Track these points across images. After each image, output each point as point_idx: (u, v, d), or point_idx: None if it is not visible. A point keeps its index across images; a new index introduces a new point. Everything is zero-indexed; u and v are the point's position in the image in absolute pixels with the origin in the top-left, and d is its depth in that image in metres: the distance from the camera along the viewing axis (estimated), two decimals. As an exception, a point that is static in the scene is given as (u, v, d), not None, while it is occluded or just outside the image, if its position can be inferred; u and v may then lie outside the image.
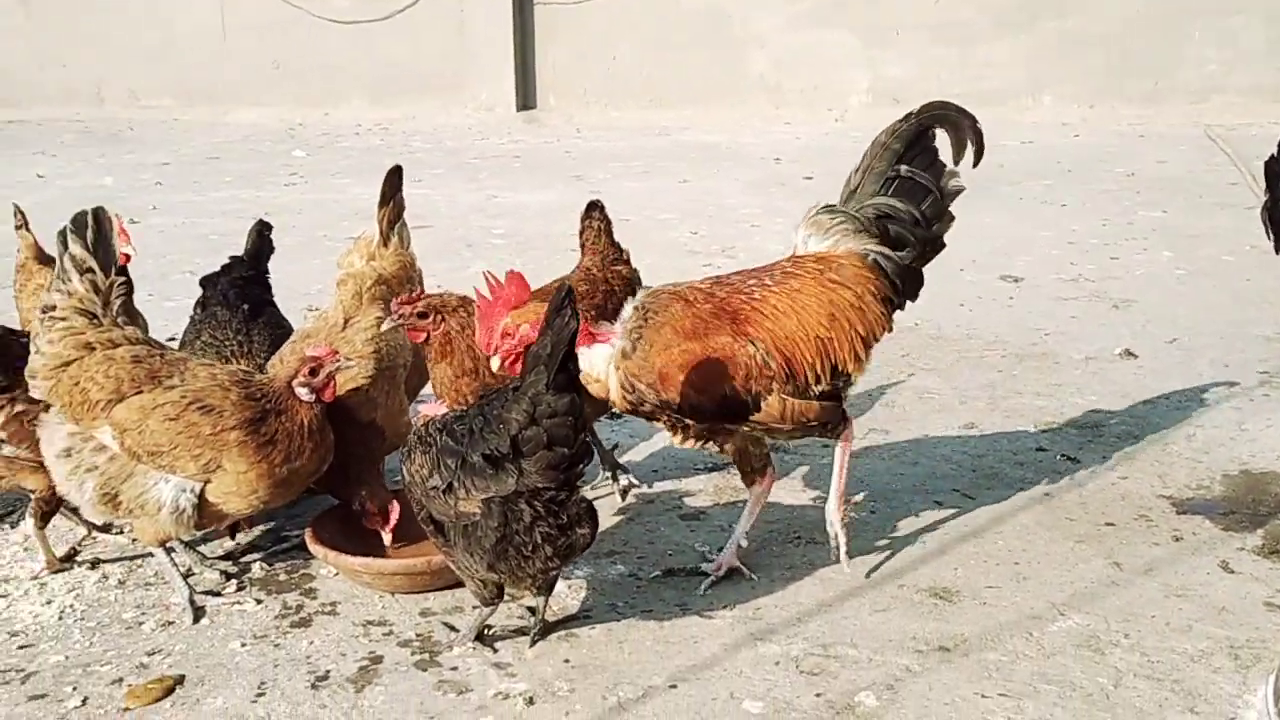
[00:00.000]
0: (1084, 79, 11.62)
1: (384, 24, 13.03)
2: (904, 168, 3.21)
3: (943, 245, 3.28)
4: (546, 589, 2.90)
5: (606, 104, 12.92)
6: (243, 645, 3.00)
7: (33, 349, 3.16)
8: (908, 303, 3.26)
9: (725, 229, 7.43)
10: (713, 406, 2.94)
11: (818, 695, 2.73)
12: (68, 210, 3.28)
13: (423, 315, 3.16)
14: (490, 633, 2.98)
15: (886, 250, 3.16)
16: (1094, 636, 2.92)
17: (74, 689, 2.83)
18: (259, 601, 3.21)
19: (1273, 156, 4.71)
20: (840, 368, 3.05)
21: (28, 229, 4.20)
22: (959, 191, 3.24)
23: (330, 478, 3.29)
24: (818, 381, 3.02)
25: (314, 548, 3.21)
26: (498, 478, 2.65)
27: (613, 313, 3.64)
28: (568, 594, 3.18)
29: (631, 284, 3.84)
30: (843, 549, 3.20)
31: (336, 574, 3.30)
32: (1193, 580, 3.18)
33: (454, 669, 2.86)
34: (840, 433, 3.16)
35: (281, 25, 12.81)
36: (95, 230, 3.19)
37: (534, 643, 2.94)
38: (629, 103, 12.87)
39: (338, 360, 3.11)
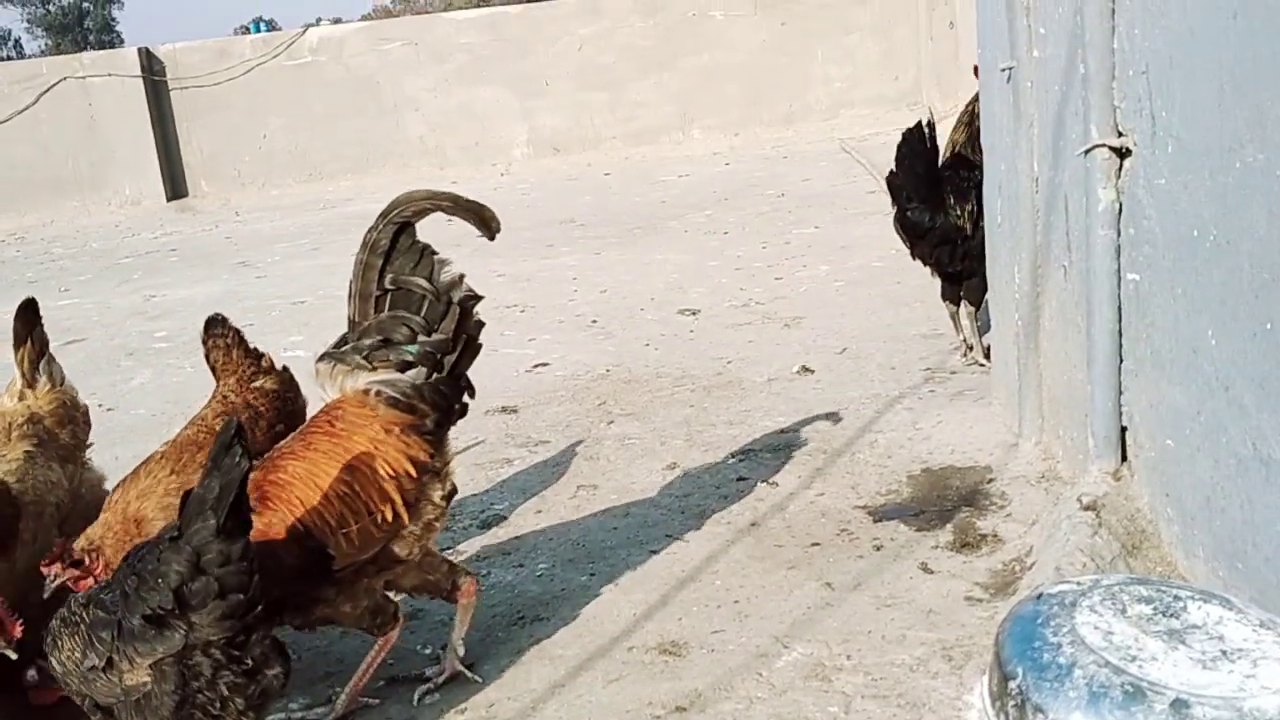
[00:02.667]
0: (726, 109, 12.23)
1: (3, 127, 12.08)
2: (389, 279, 2.93)
3: (472, 342, 3.02)
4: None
5: (263, 183, 12.49)
6: None
7: None
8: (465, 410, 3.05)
9: (404, 300, 7.28)
10: (293, 574, 2.73)
11: (563, 785, 2.65)
12: None
13: (77, 563, 2.83)
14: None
15: (389, 378, 2.92)
16: (820, 664, 2.98)
17: None
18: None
19: (892, 171, 5.10)
20: (380, 516, 2.82)
21: None
22: (454, 281, 2.97)
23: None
24: (357, 533, 2.80)
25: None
26: (163, 637, 2.39)
27: (263, 438, 3.32)
28: (285, 730, 2.95)
29: (280, 395, 3.52)
30: (439, 680, 3.09)
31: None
32: (898, 587, 3.32)
33: None
34: (459, 587, 3.06)
35: (-119, 140, 11.64)
36: None
37: None
38: (287, 179, 12.49)
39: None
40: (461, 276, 2.99)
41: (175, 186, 12.61)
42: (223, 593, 2.39)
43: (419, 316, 2.94)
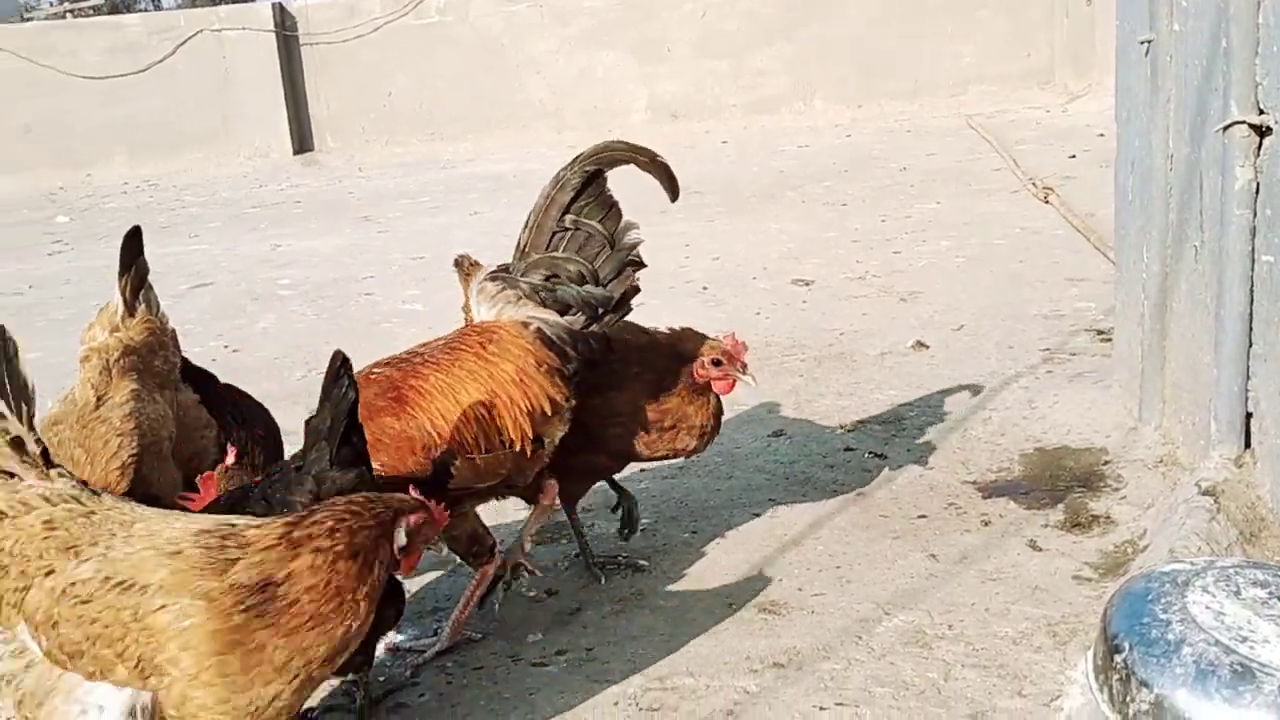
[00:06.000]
0: (850, 80, 12.06)
1: (141, 76, 12.47)
2: (569, 219, 3.03)
3: (628, 307, 3.10)
4: (365, 665, 2.75)
5: (387, 140, 12.70)
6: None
7: None
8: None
9: (520, 258, 7.38)
10: (412, 483, 2.80)
11: (659, 731, 2.70)
12: None
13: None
14: (314, 715, 2.83)
15: (550, 317, 2.98)
16: (920, 632, 2.98)
17: None
18: None
19: None
20: (506, 441, 2.90)
21: None
22: (636, 245, 3.07)
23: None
24: (486, 458, 2.89)
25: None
26: None
27: None
28: (392, 661, 3.05)
29: None
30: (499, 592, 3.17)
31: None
32: (1005, 563, 3.29)
33: None
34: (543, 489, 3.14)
35: (29, 86, 12.08)
36: None
37: None
38: (410, 138, 12.68)
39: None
40: (637, 244, 3.07)
41: (302, 140, 12.90)
42: None
43: (591, 265, 3.01)
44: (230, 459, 2.82)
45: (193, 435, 3.18)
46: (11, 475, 2.33)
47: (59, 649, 2.19)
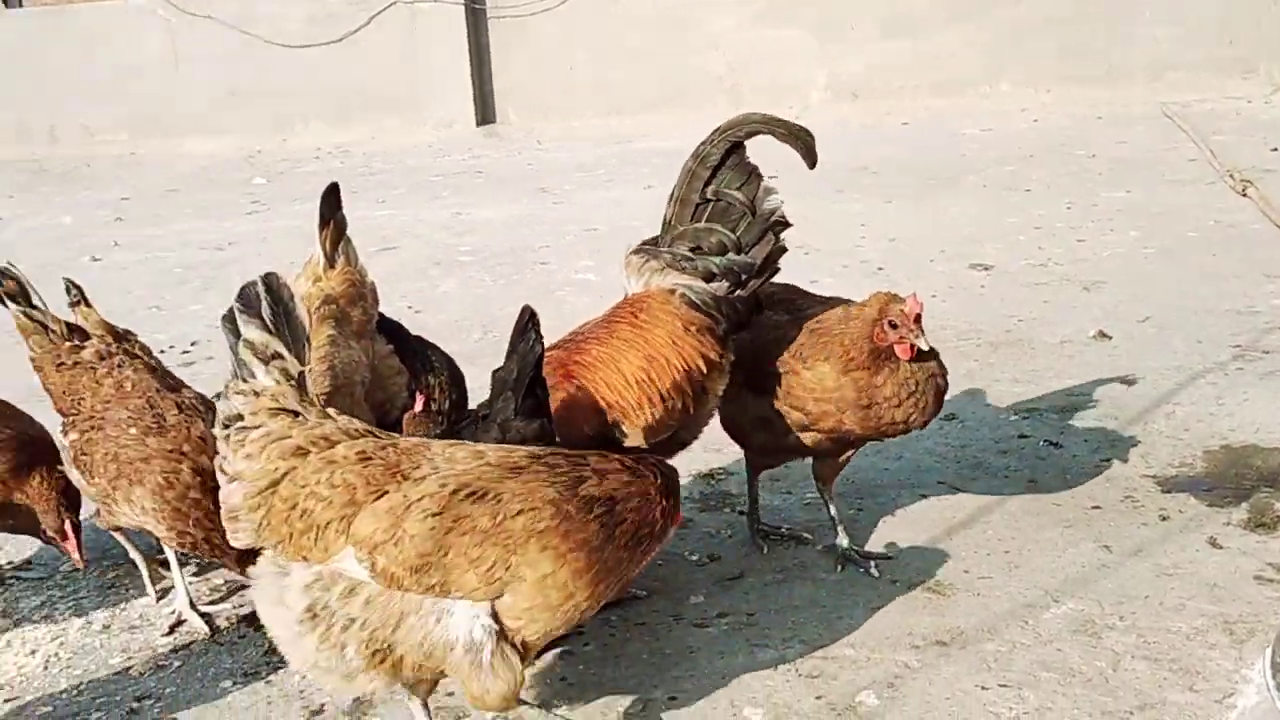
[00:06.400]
0: (1039, 64, 11.69)
1: (337, 46, 12.97)
2: (710, 190, 3.12)
3: (774, 269, 3.17)
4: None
5: (566, 114, 12.90)
6: (234, 684, 2.95)
7: (220, 477, 2.49)
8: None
9: (693, 233, 7.42)
10: (585, 444, 2.89)
11: (818, 698, 2.72)
12: (27, 252, 3.16)
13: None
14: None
15: (694, 283, 3.08)
16: (1089, 621, 2.92)
17: (64, 740, 2.78)
18: (243, 636, 3.16)
19: None
20: (672, 404, 2.99)
21: (87, 304, 3.45)
22: (776, 209, 3.11)
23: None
24: (652, 416, 2.98)
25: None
26: None
27: None
28: (560, 611, 3.15)
29: None
30: None
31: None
32: (1182, 558, 3.19)
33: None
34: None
35: (234, 53, 12.71)
36: (272, 303, 2.45)
37: (530, 663, 2.91)
38: (588, 112, 12.86)
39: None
40: (780, 205, 3.12)
41: (485, 112, 13.22)
42: None
43: (733, 233, 3.10)
44: (418, 406, 2.96)
45: (385, 382, 3.35)
46: (296, 415, 2.44)
47: (400, 565, 2.31)
